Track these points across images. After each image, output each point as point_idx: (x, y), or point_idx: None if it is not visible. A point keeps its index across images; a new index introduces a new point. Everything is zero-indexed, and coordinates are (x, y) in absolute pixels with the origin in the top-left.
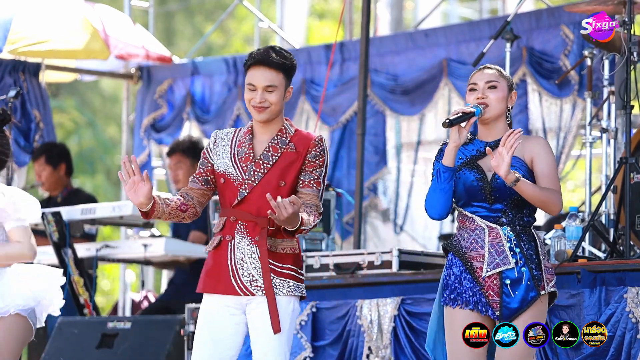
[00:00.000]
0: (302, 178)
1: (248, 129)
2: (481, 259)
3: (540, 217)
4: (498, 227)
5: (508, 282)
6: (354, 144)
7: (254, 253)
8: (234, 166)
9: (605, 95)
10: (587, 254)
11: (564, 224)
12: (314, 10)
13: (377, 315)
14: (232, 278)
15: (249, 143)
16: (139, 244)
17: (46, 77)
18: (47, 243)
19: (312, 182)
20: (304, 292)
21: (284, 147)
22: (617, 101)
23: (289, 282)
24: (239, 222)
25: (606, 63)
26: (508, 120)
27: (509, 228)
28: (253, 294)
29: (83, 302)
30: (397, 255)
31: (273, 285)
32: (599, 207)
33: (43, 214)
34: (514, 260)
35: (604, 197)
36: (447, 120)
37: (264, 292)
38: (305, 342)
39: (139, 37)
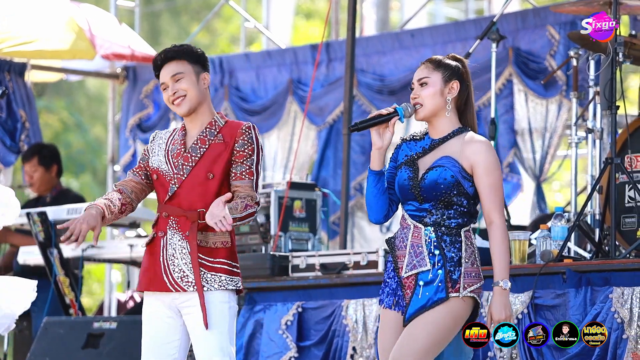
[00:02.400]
0: (233, 170)
1: (182, 126)
2: (403, 259)
3: (526, 217)
4: (422, 227)
5: (421, 283)
6: (340, 144)
7: (184, 248)
8: (166, 162)
9: (590, 96)
10: (572, 254)
11: (549, 224)
12: (300, 10)
13: (362, 315)
14: (164, 275)
15: (181, 139)
16: (125, 244)
17: (32, 76)
18: (32, 243)
19: (244, 173)
20: (238, 285)
21: (212, 138)
22: (603, 101)
23: (220, 276)
24: (171, 217)
25: (592, 63)
26: (447, 113)
27: (432, 229)
28: (184, 290)
29: (69, 302)
30: (383, 255)
31: (205, 280)
32: (585, 207)
33: (29, 214)
34: (432, 263)
35: (589, 198)
36: (353, 124)
37: (195, 287)
38: (291, 342)
39: (124, 37)
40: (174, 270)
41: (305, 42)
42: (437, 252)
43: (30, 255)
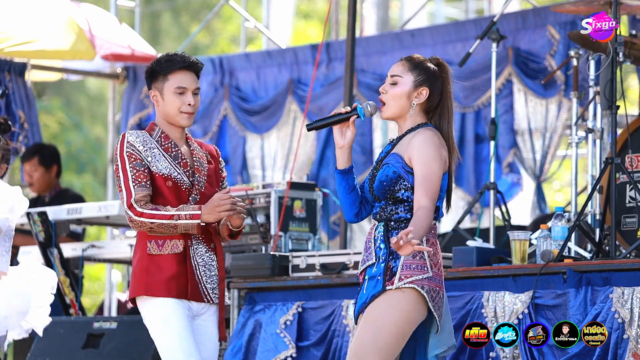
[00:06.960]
0: (223, 184)
1: (164, 134)
2: None
3: (526, 217)
4: (377, 223)
5: (367, 277)
6: None
7: (213, 260)
8: (176, 170)
9: (591, 96)
10: (572, 254)
11: (550, 224)
12: (299, 11)
13: None
14: (199, 285)
15: (175, 148)
16: (125, 244)
17: (32, 76)
18: (32, 243)
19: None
20: None
21: (201, 153)
22: (603, 101)
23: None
24: None
25: (592, 63)
26: (409, 115)
27: (382, 224)
28: (213, 302)
29: (69, 302)
30: None
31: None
32: (585, 207)
33: (29, 213)
34: (377, 256)
35: (589, 197)
36: (310, 123)
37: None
38: (289, 342)
39: (124, 37)
40: (206, 282)
41: (304, 42)
42: (382, 245)
43: (30, 255)
